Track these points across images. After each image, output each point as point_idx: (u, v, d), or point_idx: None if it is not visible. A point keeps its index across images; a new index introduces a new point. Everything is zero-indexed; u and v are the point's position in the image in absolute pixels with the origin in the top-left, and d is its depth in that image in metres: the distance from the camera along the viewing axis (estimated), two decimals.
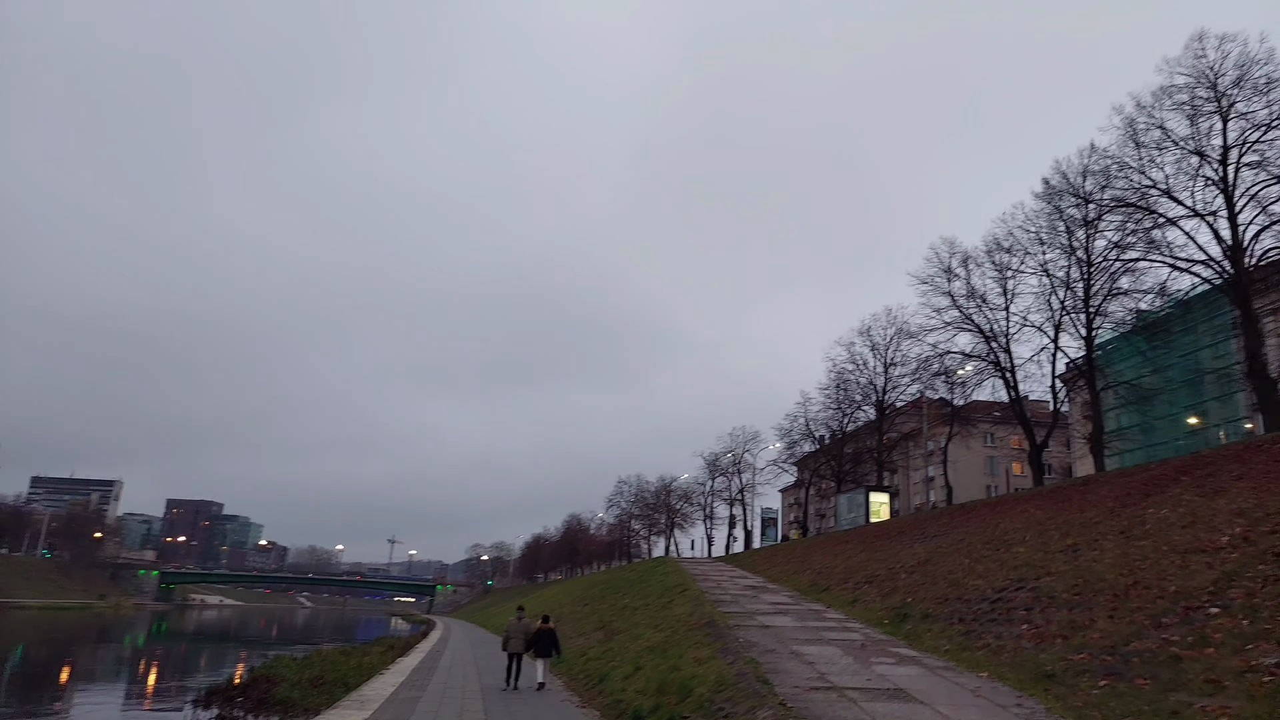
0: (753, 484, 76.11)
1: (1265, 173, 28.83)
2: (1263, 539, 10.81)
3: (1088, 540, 15.81)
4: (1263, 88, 28.69)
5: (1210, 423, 39.09)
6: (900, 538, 29.11)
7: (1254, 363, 29.05)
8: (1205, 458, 19.51)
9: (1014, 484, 66.95)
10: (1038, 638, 11.41)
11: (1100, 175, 33.58)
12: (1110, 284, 34.61)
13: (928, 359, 44.02)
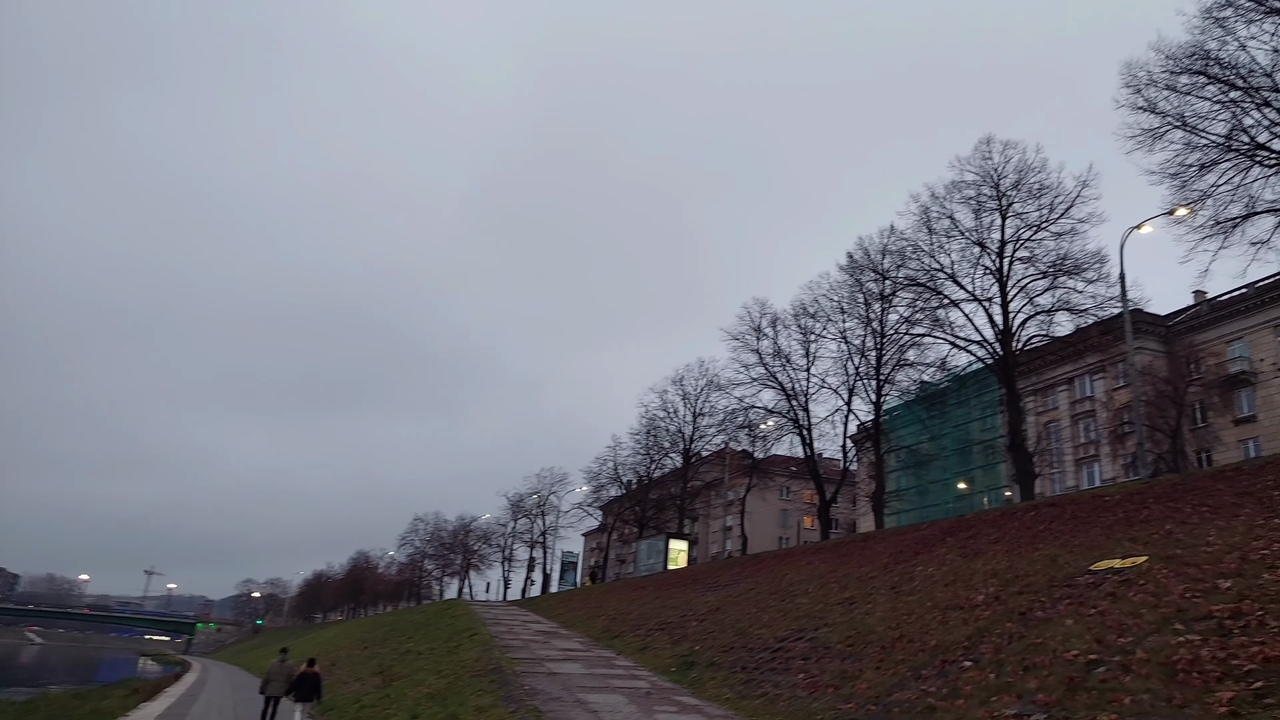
0: (556, 526, 75.67)
1: (1033, 268, 32.76)
2: (1011, 598, 11.92)
3: (863, 594, 16.86)
4: (1035, 192, 32.72)
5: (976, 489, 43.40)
6: (694, 585, 29.80)
7: (1015, 436, 32.63)
8: (968, 521, 21.49)
9: (804, 537, 70.78)
10: (812, 687, 11.89)
11: (897, 255, 36.86)
12: (899, 355, 37.87)
13: (734, 411, 46.01)
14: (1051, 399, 56.40)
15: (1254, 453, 41.88)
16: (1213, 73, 25.12)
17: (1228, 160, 25.21)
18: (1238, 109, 25.01)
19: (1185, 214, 25.80)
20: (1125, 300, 26.97)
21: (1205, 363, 47.04)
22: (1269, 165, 24.67)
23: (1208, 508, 13.32)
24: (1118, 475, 46.59)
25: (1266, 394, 46.07)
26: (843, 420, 41.07)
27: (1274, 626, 7.40)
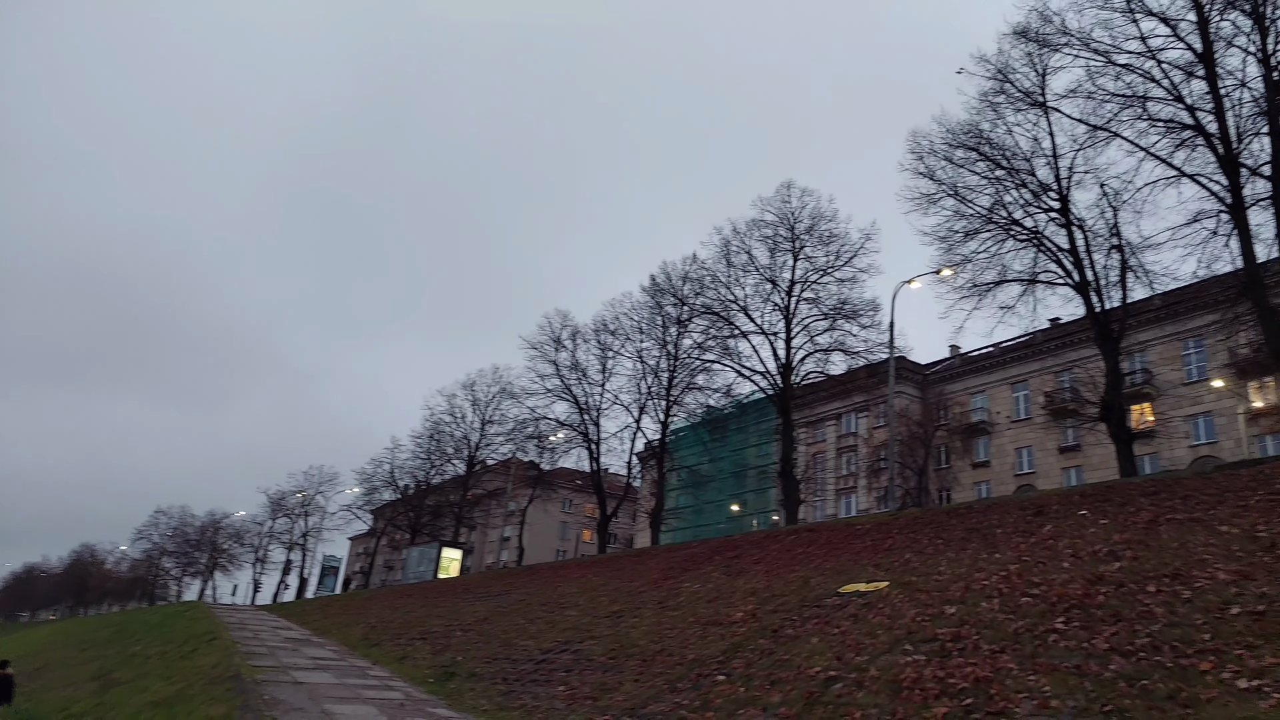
0: (320, 528, 71.43)
1: (817, 309, 35.32)
2: (766, 616, 12.62)
3: (631, 608, 17.22)
4: (825, 239, 35.32)
5: (747, 511, 45.97)
6: (465, 595, 29.14)
7: (786, 464, 34.82)
8: (735, 541, 22.63)
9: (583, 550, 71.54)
10: (571, 699, 11.92)
11: (696, 283, 38.45)
12: (689, 379, 39.40)
13: (525, 421, 45.82)
14: (821, 432, 60.95)
15: (985, 493, 47.55)
16: (983, 150, 28.42)
17: (988, 231, 28.58)
18: (1000, 186, 28.44)
19: (948, 275, 28.92)
20: (892, 347, 29.71)
21: (952, 410, 52.95)
22: (1021, 239, 28.23)
23: (942, 540, 14.88)
24: (871, 507, 51.19)
25: (1000, 443, 52.53)
26: (631, 437, 42.03)
27: (986, 650, 8.29)
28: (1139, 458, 40.04)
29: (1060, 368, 48.61)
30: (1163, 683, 6.37)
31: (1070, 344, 47.02)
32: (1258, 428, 40.22)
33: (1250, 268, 22.69)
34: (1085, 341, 38.94)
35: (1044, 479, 47.03)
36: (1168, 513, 12.24)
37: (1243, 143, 23.52)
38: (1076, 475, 45.18)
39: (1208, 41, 23.54)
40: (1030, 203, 27.85)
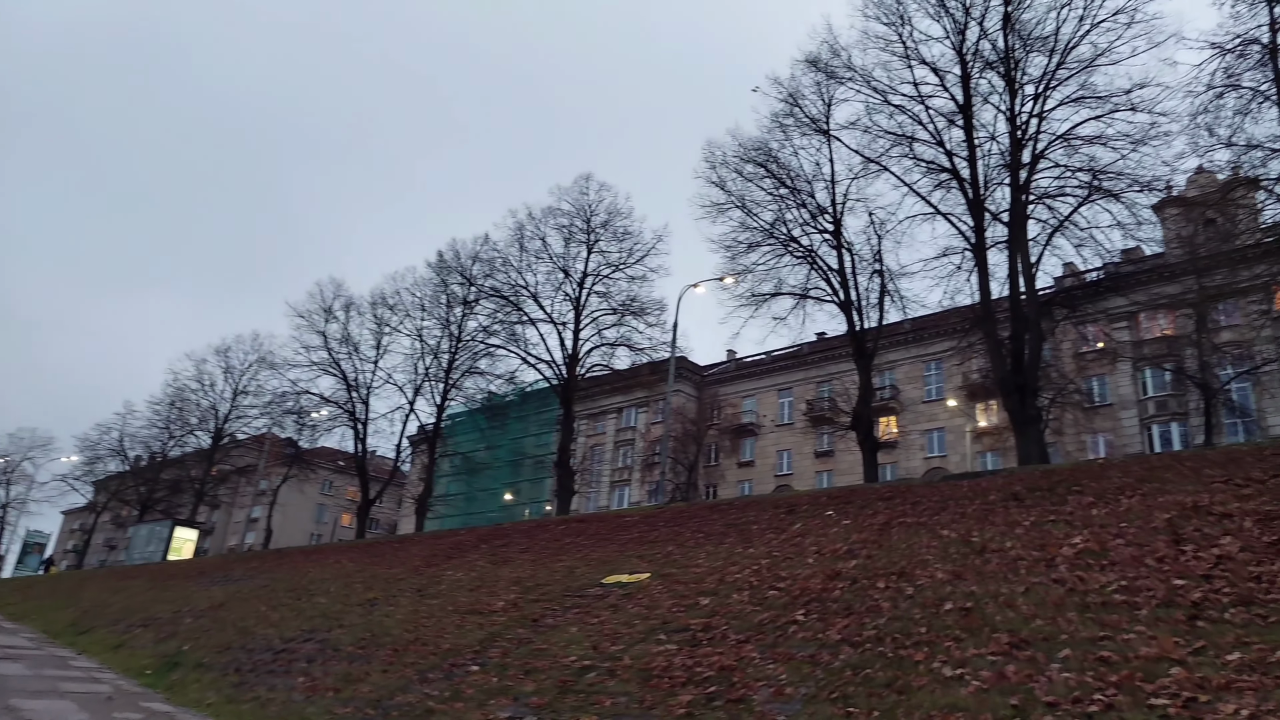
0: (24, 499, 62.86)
1: (606, 303, 35.96)
2: (528, 605, 12.61)
3: (387, 595, 16.59)
4: (620, 235, 36.02)
5: (521, 500, 45.87)
6: (200, 578, 26.75)
7: (563, 454, 35.14)
8: (505, 529, 22.49)
9: (340, 535, 68.15)
10: (311, 690, 11.26)
11: (487, 264, 37.90)
12: (471, 362, 38.73)
13: (285, 394, 42.91)
14: (601, 424, 62.24)
15: (748, 491, 50.67)
16: (771, 168, 30.21)
17: (769, 244, 30.44)
18: (783, 203, 30.39)
19: (730, 283, 30.50)
20: (674, 346, 30.86)
21: (725, 411, 56.00)
22: (797, 256, 30.30)
23: (703, 534, 15.61)
24: (642, 500, 53.01)
25: (764, 444, 56.22)
26: (403, 419, 40.63)
27: (733, 639, 8.76)
28: (882, 465, 44.42)
29: (822, 379, 52.90)
30: (883, 671, 7.02)
31: (832, 358, 51.27)
32: (981, 445, 45.95)
33: (985, 302, 25.83)
34: (845, 356, 42.60)
35: (800, 480, 50.98)
36: (899, 516, 13.59)
37: (988, 189, 26.70)
38: (828, 478, 49.39)
39: (968, 95, 26.52)
40: (808, 223, 30.00)
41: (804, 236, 30.07)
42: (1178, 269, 36.47)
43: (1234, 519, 9.66)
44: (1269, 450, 14.10)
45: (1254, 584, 7.43)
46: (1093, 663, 6.32)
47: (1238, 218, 29.97)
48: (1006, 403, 25.18)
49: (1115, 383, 43.27)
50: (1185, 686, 5.62)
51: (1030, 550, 9.92)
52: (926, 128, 27.10)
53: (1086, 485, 13.12)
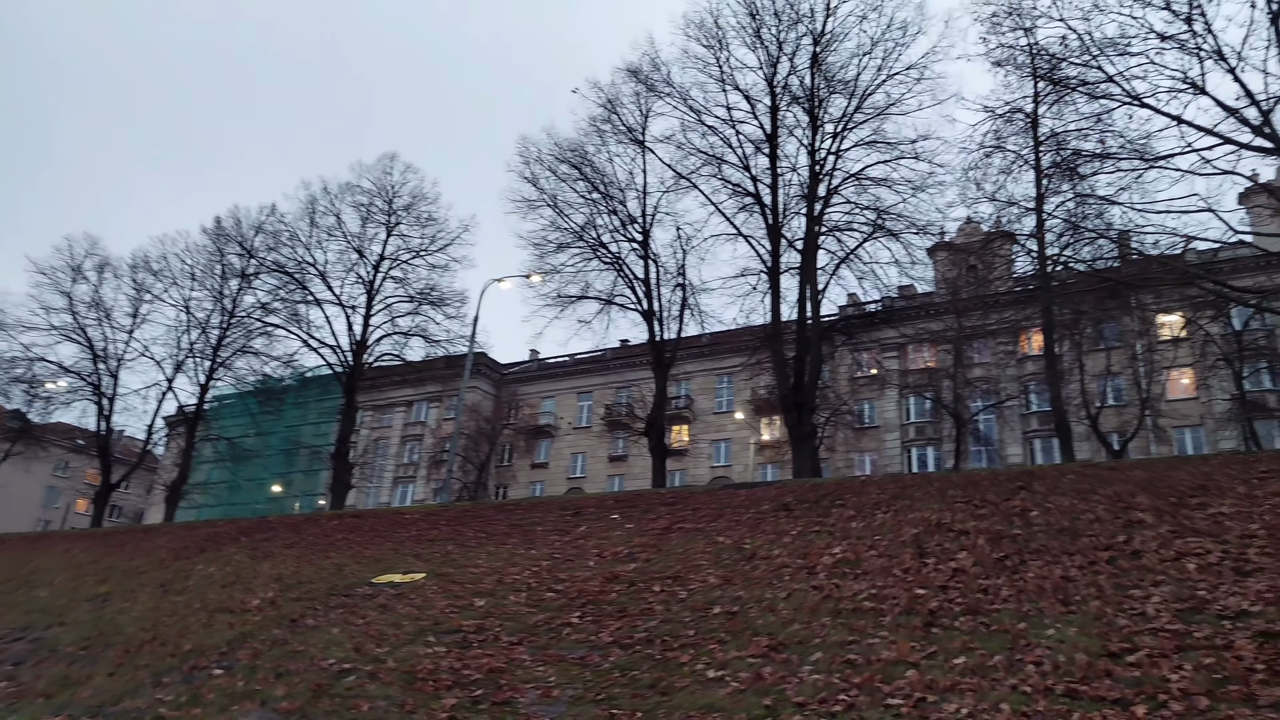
0: None
1: (403, 290, 34.71)
2: (287, 604, 11.84)
3: (124, 590, 15.01)
4: (423, 221, 34.89)
5: (292, 492, 43.14)
6: None
7: (342, 446, 33.44)
8: (270, 522, 21.03)
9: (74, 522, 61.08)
10: (17, 695, 9.95)
11: (271, 236, 35.37)
12: (246, 341, 35.97)
13: (15, 359, 37.66)
14: (388, 417, 59.91)
15: (539, 493, 50.60)
16: (585, 172, 30.44)
17: (578, 247, 30.64)
18: (595, 208, 30.70)
19: (537, 281, 30.40)
20: (473, 340, 30.28)
21: (523, 411, 55.68)
22: (605, 261, 30.70)
23: (485, 534, 15.39)
24: (427, 497, 51.55)
25: (560, 446, 56.43)
26: (159, 397, 37.00)
27: (505, 641, 8.67)
28: (671, 472, 45.92)
29: (621, 385, 53.97)
30: (649, 672, 7.20)
31: (633, 364, 52.40)
32: (763, 457, 48.65)
33: (775, 323, 27.41)
34: (645, 364, 43.72)
35: (592, 483, 51.65)
36: (680, 522, 14.07)
37: (787, 217, 28.38)
38: (619, 482, 50.38)
39: (775, 125, 28.09)
40: (618, 230, 30.54)
41: (613, 243, 30.59)
42: (942, 308, 40.59)
43: (970, 536, 10.81)
44: (1003, 476, 15.94)
45: (982, 595, 8.33)
46: (840, 665, 6.82)
47: (995, 266, 33.84)
48: (786, 418, 26.85)
49: (883, 407, 47.42)
50: (917, 688, 6.18)
51: (795, 558, 10.58)
52: (736, 151, 28.44)
53: (848, 500, 14.20)
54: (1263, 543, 8.81)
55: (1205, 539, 9.27)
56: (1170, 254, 17.43)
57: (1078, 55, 16.44)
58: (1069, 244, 21.52)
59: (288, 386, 39.91)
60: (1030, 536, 10.42)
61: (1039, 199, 24.96)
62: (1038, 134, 23.70)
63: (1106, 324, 36.92)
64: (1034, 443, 42.84)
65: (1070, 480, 13.98)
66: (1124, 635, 6.78)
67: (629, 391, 51.67)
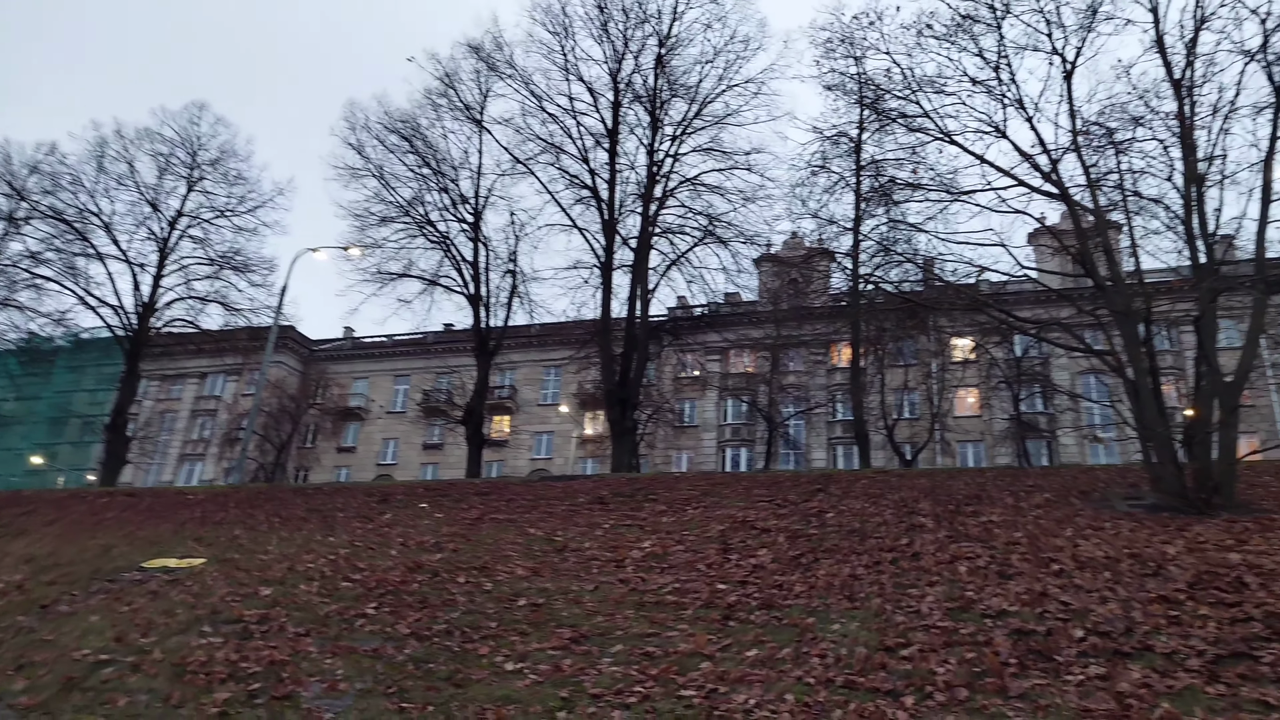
0: None
1: (204, 251, 32.22)
2: (39, 588, 10.72)
3: None
4: (232, 179, 32.53)
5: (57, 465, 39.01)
6: None
7: (119, 417, 30.55)
8: (25, 497, 18.96)
9: None
10: None
11: (49, 178, 31.75)
12: (9, 293, 32.05)
13: None
14: (178, 389, 55.48)
15: (345, 478, 48.47)
16: (417, 145, 29.48)
17: (403, 222, 29.62)
18: (425, 184, 29.80)
19: (356, 254, 29.12)
20: (279, 311, 28.55)
21: (331, 391, 53.10)
22: (432, 240, 29.86)
23: (279, 518, 14.54)
24: (218, 477, 48.08)
25: (370, 430, 54.30)
26: None
27: (292, 632, 8.20)
28: (490, 463, 45.32)
29: (443, 370, 52.54)
30: (445, 665, 7.05)
31: (456, 350, 51.19)
32: (584, 451, 48.98)
33: (605, 318, 27.68)
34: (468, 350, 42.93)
35: (404, 471, 50.05)
36: (492, 512, 13.91)
37: (622, 214, 28.73)
38: (433, 471, 49.13)
39: (616, 121, 28.35)
40: (448, 209, 29.79)
41: (442, 222, 29.79)
42: (763, 316, 42.51)
43: (771, 534, 11.36)
44: (804, 479, 16.89)
45: (776, 590, 8.76)
46: (639, 657, 6.96)
47: (814, 281, 35.81)
48: (610, 413, 27.19)
49: (703, 407, 49.08)
50: (710, 679, 6.41)
51: (605, 551, 10.71)
52: (576, 143, 28.44)
53: (661, 495, 14.57)
54: (1024, 550, 9.81)
55: (976, 544, 10.21)
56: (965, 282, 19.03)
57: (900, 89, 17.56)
58: (880, 265, 23.07)
59: (59, 348, 35.97)
60: (824, 536, 11.09)
61: (857, 220, 26.66)
62: (860, 159, 25.28)
63: (907, 342, 40.01)
64: (837, 449, 45.68)
65: (863, 485, 15.03)
66: (900, 631, 7.34)
67: (450, 378, 50.44)
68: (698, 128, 28.30)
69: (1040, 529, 10.78)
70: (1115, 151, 15.73)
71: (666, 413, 43.31)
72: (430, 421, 50.30)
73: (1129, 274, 16.09)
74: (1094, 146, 15.89)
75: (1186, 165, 14.44)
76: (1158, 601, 7.57)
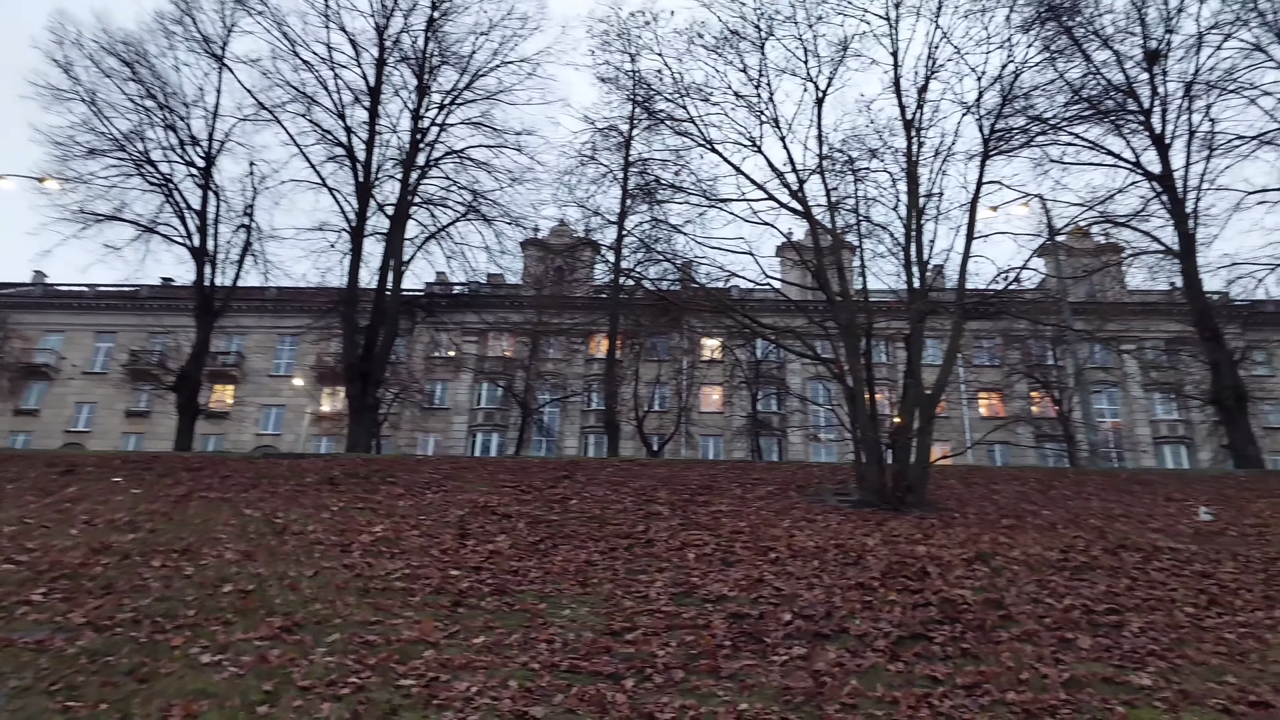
0: None
1: None
2: None
3: None
4: None
5: None
6: None
7: None
8: None
9: None
10: None
11: None
12: None
13: None
14: None
15: (22, 445, 42.22)
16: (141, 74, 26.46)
17: (116, 158, 26.38)
18: (149, 117, 26.71)
19: (55, 188, 25.56)
20: None
21: (12, 344, 46.16)
22: (152, 182, 26.86)
23: None
24: None
25: (61, 392, 47.87)
26: None
27: None
28: (208, 436, 41.60)
29: (159, 329, 47.32)
30: (128, 657, 6.33)
31: (176, 308, 46.38)
32: (320, 428, 46.28)
33: (352, 287, 26.31)
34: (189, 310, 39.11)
35: (102, 440, 44.58)
36: (204, 490, 12.76)
37: (379, 179, 27.46)
38: (137, 442, 44.21)
39: (380, 80, 27.02)
40: (174, 149, 27.00)
41: (166, 163, 26.82)
42: (525, 301, 42.49)
43: (512, 519, 11.36)
44: (551, 465, 17.08)
45: (511, 576, 8.77)
46: (358, 645, 6.65)
47: (578, 269, 36.33)
48: (349, 389, 25.86)
49: (455, 389, 48.04)
50: (432, 667, 6.26)
51: (331, 534, 10.17)
52: (332, 96, 26.70)
53: (400, 477, 14.11)
54: (747, 538, 10.55)
55: (705, 532, 10.84)
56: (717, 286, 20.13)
57: (670, 92, 18.25)
58: (641, 261, 23.86)
59: None
60: (565, 522, 11.27)
61: (621, 215, 27.41)
62: (629, 155, 25.97)
63: (661, 338, 41.77)
64: (589, 437, 46.68)
65: (608, 473, 15.48)
66: (627, 615, 7.61)
67: (166, 339, 45.56)
68: (468, 100, 27.67)
69: (762, 519, 11.65)
70: (854, 178, 17.37)
71: (415, 393, 42.05)
72: (137, 386, 45.19)
73: (857, 292, 17.82)
74: (836, 171, 17.45)
75: (910, 198, 16.23)
76: (855, 588, 8.43)
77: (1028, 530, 11.40)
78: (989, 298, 18.08)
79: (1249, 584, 8.93)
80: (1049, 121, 20.06)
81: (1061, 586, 8.60)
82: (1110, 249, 30.16)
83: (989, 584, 8.66)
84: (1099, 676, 6.31)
